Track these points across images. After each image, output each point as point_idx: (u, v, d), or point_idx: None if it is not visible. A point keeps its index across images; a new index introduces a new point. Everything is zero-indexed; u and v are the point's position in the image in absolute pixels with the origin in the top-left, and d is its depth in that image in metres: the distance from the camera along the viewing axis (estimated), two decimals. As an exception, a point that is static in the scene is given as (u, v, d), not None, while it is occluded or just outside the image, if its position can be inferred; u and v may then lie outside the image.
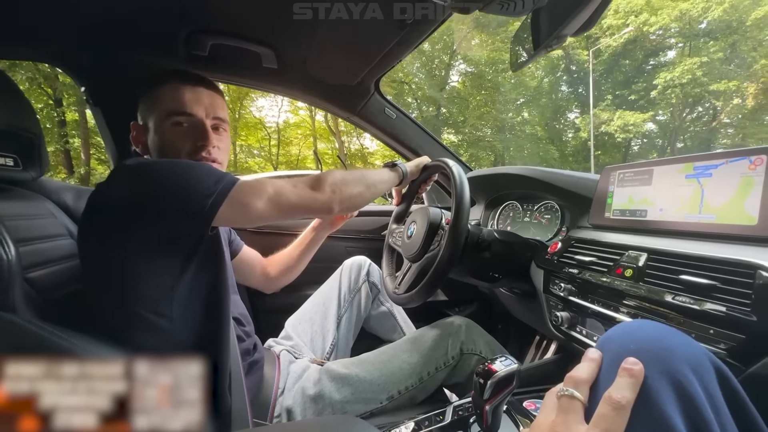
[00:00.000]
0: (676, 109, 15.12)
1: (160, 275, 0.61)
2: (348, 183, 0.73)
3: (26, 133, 0.69)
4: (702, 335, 0.52)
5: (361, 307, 1.10)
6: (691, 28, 14.01)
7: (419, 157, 0.98)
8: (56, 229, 0.74)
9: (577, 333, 0.74)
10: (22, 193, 0.74)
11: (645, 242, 0.67)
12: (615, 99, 15.96)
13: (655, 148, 17.31)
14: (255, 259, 1.05)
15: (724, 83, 13.11)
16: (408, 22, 0.81)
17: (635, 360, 0.33)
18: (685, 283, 0.56)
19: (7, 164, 0.67)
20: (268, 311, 1.26)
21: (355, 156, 17.54)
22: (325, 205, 0.68)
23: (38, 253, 0.66)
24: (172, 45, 0.92)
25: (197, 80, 0.74)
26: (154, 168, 0.60)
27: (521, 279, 0.92)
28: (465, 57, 16.81)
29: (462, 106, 16.71)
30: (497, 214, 1.23)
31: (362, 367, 0.83)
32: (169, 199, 0.57)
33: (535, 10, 0.66)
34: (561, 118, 18.59)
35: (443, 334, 0.88)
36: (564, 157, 17.50)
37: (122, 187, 0.59)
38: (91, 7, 0.79)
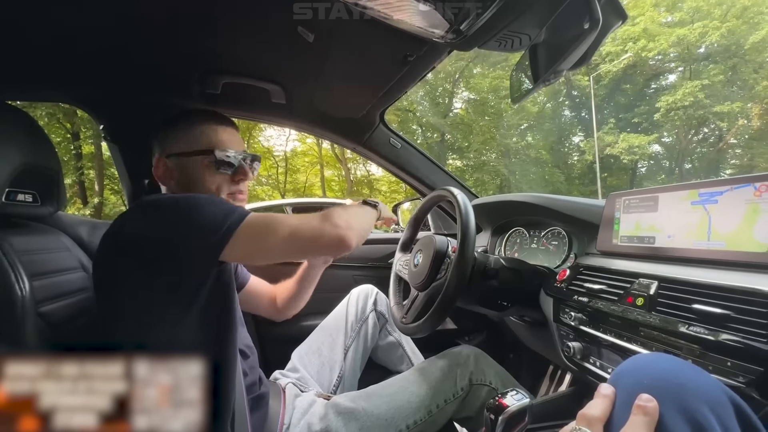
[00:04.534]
0: (681, 131, 15.21)
1: (168, 309, 0.61)
2: (354, 215, 0.73)
3: (46, 170, 0.73)
4: (719, 367, 0.50)
5: (368, 337, 1.08)
6: (690, 52, 14.36)
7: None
8: (70, 263, 0.76)
9: (590, 365, 0.71)
10: (39, 227, 0.76)
11: (655, 269, 0.66)
12: (618, 122, 16.15)
13: (662, 169, 17.30)
14: (263, 289, 1.06)
15: (727, 105, 13.27)
16: (410, 59, 0.85)
17: (649, 397, 0.32)
18: (698, 312, 0.54)
19: (26, 200, 0.70)
20: (274, 341, 1.25)
21: (361, 182, 17.77)
22: (343, 240, 0.64)
23: (52, 287, 0.68)
24: (187, 85, 0.97)
25: (229, 122, 0.80)
26: (167, 204, 0.62)
27: (531, 307, 0.91)
28: (467, 85, 17.28)
29: (466, 132, 17.01)
30: (504, 240, 1.22)
31: (369, 400, 0.80)
32: (180, 233, 0.58)
33: (531, 46, 0.69)
34: (565, 142, 18.82)
35: (451, 365, 0.86)
36: (570, 180, 17.57)
37: (137, 221, 0.61)
38: (112, 53, 0.84)
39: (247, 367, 0.78)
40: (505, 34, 0.69)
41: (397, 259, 1.07)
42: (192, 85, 0.97)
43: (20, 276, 0.55)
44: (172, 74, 0.95)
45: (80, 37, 0.78)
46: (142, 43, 0.82)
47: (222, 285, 0.67)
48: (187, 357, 0.60)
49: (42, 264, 0.67)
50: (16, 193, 0.67)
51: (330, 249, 0.68)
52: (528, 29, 0.66)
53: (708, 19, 13.78)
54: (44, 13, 0.70)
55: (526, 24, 0.65)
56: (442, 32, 0.71)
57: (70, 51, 0.83)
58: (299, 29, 0.78)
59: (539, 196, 1.03)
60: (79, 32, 0.77)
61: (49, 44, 0.80)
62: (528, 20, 0.64)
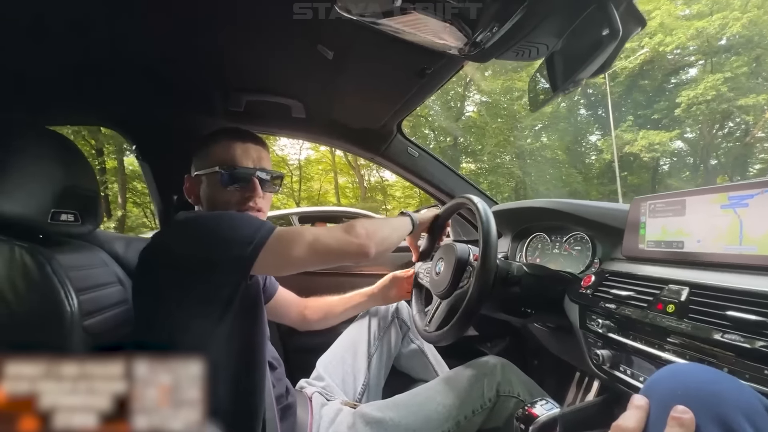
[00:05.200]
0: (705, 126, 14.61)
1: (200, 321, 0.64)
2: (377, 227, 0.76)
3: (86, 190, 0.77)
4: (756, 375, 0.49)
5: (391, 345, 1.09)
6: (710, 45, 13.78)
7: (431, 209, 1.02)
8: (108, 278, 0.80)
9: (620, 373, 0.70)
10: (79, 244, 0.80)
11: (685, 275, 0.65)
12: (637, 119, 15.65)
13: (686, 166, 16.66)
14: (290, 300, 1.08)
15: (753, 97, 12.64)
16: (427, 72, 0.87)
17: (684, 408, 0.32)
18: (732, 319, 0.53)
19: (69, 220, 0.74)
20: (298, 350, 1.27)
21: (374, 188, 17.80)
22: (362, 249, 0.70)
23: (93, 301, 0.72)
24: (212, 104, 1.01)
25: (246, 136, 0.81)
26: (198, 221, 0.65)
27: (555, 313, 0.90)
28: (479, 88, 17.17)
29: (479, 135, 16.83)
30: (525, 246, 1.21)
31: (396, 410, 0.81)
32: (211, 248, 0.61)
33: (550, 55, 0.70)
34: (582, 142, 18.30)
35: (478, 375, 0.86)
36: (588, 180, 17.10)
37: (171, 239, 0.64)
38: (144, 76, 0.89)
39: (274, 378, 0.80)
40: (522, 45, 0.69)
41: (417, 267, 1.08)
42: (217, 103, 1.01)
43: (69, 292, 0.58)
44: (199, 94, 1.00)
45: (113, 61, 0.83)
46: (171, 65, 0.87)
47: (251, 298, 0.69)
48: (219, 367, 0.63)
49: (85, 279, 0.71)
50: (60, 213, 0.72)
51: (349, 257, 0.72)
52: (546, 39, 0.67)
53: (728, 10, 13.21)
54: (80, 39, 0.75)
55: (544, 34, 0.66)
56: (459, 45, 0.72)
57: (105, 75, 0.88)
58: (319, 47, 0.81)
59: (560, 202, 1.02)
60: (112, 57, 0.82)
61: (85, 70, 0.85)
62: (546, 30, 0.65)
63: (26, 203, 0.65)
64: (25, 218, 0.65)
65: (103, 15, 0.68)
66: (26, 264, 0.58)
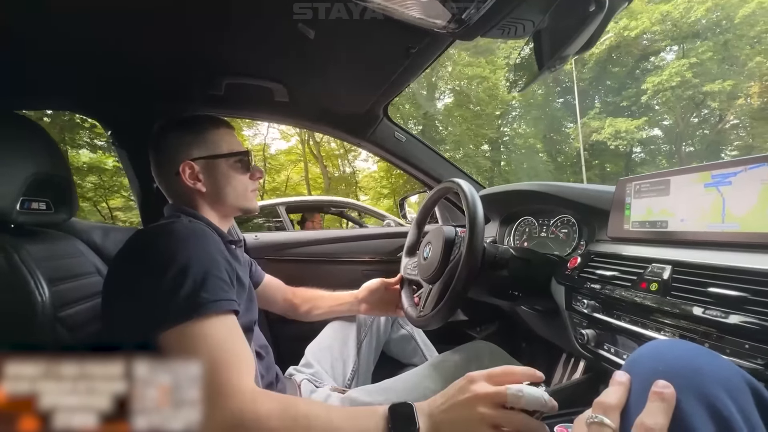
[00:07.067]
0: (677, 113, 14.64)
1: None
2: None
3: (58, 178, 0.74)
4: (737, 350, 0.50)
5: (380, 331, 1.09)
6: (679, 30, 13.65)
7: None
8: (85, 268, 0.77)
9: (605, 351, 0.71)
10: (54, 234, 0.77)
11: (668, 254, 0.66)
12: (608, 106, 15.51)
13: (661, 153, 16.78)
14: (277, 287, 1.07)
15: (719, 84, 12.61)
16: (412, 51, 0.84)
17: (666, 383, 0.32)
18: (714, 295, 0.54)
19: (40, 208, 0.71)
20: (287, 337, 1.26)
21: (339, 180, 17.52)
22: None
23: (69, 292, 0.69)
24: (191, 88, 0.97)
25: (230, 125, 0.83)
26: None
27: (542, 296, 0.90)
28: (447, 75, 16.75)
29: (446, 124, 16.53)
30: (512, 230, 1.22)
31: (385, 394, 0.81)
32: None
33: (535, 32, 0.68)
34: (555, 129, 18.11)
35: (466, 359, 0.86)
36: (563, 168, 17.02)
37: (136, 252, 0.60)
38: (117, 61, 0.85)
39: (263, 368, 0.79)
40: (507, 22, 0.67)
41: (404, 264, 1.05)
42: (196, 88, 0.97)
43: (39, 283, 0.56)
44: (176, 78, 0.95)
45: (85, 45, 0.79)
46: (146, 49, 0.83)
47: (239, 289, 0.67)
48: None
49: (59, 270, 0.69)
50: (30, 201, 0.68)
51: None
52: (531, 15, 0.65)
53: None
54: (51, 23, 0.70)
55: (530, 10, 0.64)
56: (443, 23, 0.70)
57: (76, 60, 0.83)
58: (300, 26, 0.77)
59: (547, 185, 1.02)
60: (85, 41, 0.77)
61: (56, 54, 0.81)
62: (531, 6, 0.63)
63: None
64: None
65: (76, 2, 0.64)
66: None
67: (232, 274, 0.64)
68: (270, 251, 1.39)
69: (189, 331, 0.51)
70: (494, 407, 0.47)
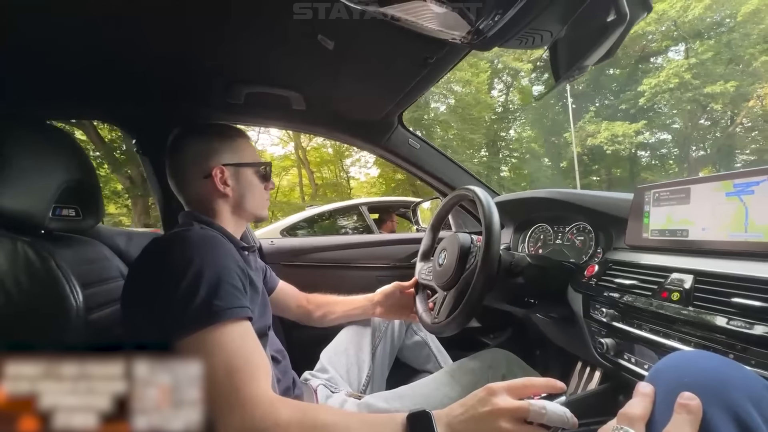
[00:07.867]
0: (682, 115, 14.02)
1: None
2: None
3: (86, 185, 0.77)
4: (762, 362, 0.49)
5: (394, 336, 1.09)
6: (678, 29, 13.02)
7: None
8: (111, 272, 0.79)
9: (625, 361, 0.71)
10: (82, 239, 0.80)
11: (689, 263, 0.65)
12: (606, 110, 14.96)
13: (670, 157, 16.07)
14: (290, 294, 1.08)
15: (720, 85, 11.88)
16: (430, 61, 0.86)
17: (692, 395, 0.32)
18: (737, 306, 0.54)
19: (70, 215, 0.74)
20: (302, 342, 1.27)
21: (327, 186, 17.49)
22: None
23: (97, 296, 0.71)
24: (212, 97, 1.00)
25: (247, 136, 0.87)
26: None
27: (558, 304, 0.90)
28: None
29: (444, 129, 16.05)
30: (527, 237, 1.22)
31: (402, 401, 0.81)
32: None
33: (553, 42, 0.69)
34: (560, 133, 17.47)
35: (483, 367, 0.86)
36: (564, 172, 16.48)
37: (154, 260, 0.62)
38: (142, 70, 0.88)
39: (279, 372, 0.80)
40: (526, 32, 0.68)
41: (419, 269, 1.05)
42: (217, 96, 0.99)
43: (74, 287, 0.58)
44: (198, 87, 0.98)
45: (112, 56, 0.82)
46: (169, 58, 0.85)
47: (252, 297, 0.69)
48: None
49: (89, 274, 0.71)
50: (61, 208, 0.71)
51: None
52: (550, 26, 0.66)
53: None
54: (79, 35, 0.73)
55: (549, 21, 0.64)
56: (462, 34, 0.71)
57: (103, 70, 0.86)
58: (319, 38, 0.79)
59: (562, 192, 1.02)
60: (111, 52, 0.80)
61: (83, 65, 0.84)
62: (551, 17, 0.63)
63: (27, 198, 0.64)
64: (26, 213, 0.64)
65: (102, 11, 0.67)
66: (30, 259, 0.57)
67: (245, 280, 0.66)
68: (285, 257, 1.41)
69: (204, 339, 0.52)
70: (515, 422, 0.47)
